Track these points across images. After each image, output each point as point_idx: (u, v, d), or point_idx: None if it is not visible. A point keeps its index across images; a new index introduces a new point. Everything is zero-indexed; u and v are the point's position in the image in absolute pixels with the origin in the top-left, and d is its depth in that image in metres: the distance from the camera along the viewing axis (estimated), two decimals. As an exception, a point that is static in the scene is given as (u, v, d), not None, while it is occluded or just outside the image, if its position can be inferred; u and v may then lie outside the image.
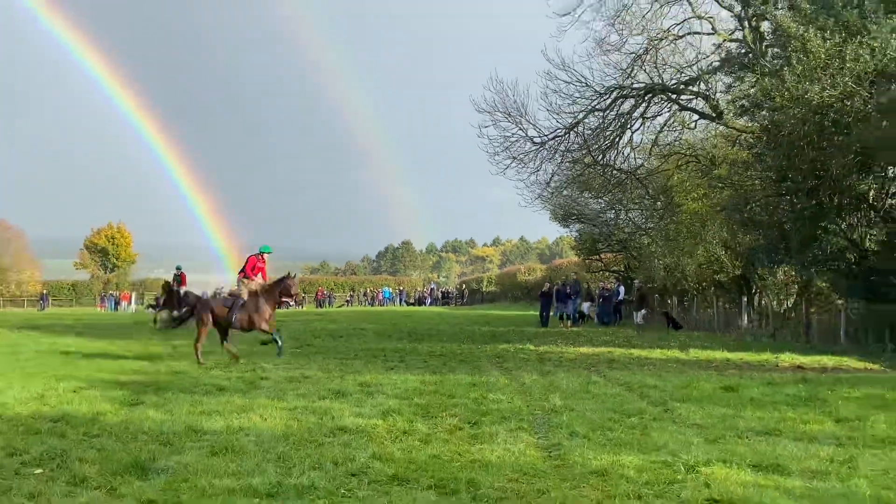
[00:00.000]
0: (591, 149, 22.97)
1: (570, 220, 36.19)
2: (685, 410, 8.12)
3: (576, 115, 22.11)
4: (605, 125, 22.39)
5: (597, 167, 24.87)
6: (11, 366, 12.45)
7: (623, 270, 35.95)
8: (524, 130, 22.72)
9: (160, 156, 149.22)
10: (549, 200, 31.93)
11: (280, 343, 13.80)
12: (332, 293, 63.73)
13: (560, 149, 23.16)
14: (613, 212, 33.53)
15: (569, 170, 26.47)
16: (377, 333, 21.55)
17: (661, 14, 21.88)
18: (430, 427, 7.20)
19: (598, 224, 35.02)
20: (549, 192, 29.79)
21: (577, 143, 23.03)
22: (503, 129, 22.84)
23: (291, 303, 14.32)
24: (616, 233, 34.21)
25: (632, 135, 23.48)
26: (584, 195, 32.63)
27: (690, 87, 22.30)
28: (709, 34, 22.19)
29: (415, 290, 70.60)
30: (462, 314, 41.59)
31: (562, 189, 30.11)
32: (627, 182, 25.96)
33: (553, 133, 22.57)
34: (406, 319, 32.43)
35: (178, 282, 23.34)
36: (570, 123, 22.25)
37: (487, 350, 16.48)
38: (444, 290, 71.48)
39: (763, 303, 24.95)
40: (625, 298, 30.82)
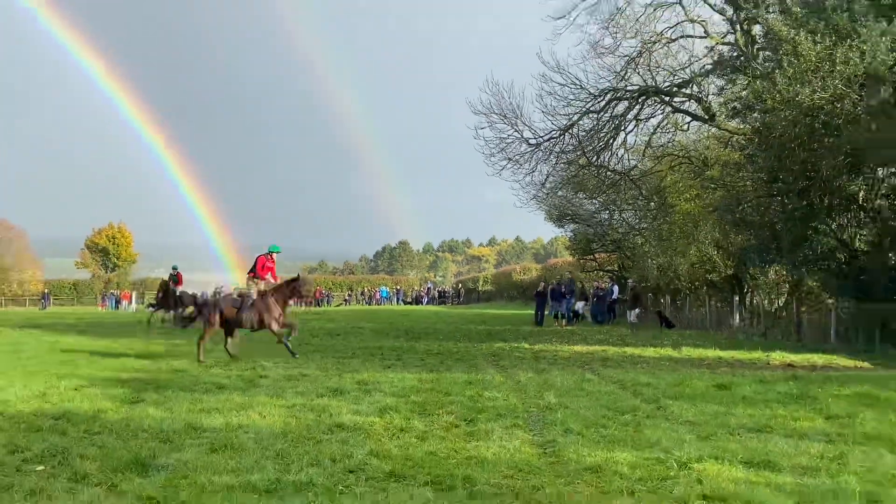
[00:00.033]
0: (586, 150, 22.98)
1: (565, 221, 36.25)
2: (678, 408, 8.12)
3: (570, 117, 22.13)
4: (600, 127, 22.40)
5: (591, 168, 24.90)
6: (13, 364, 12.43)
7: (617, 270, 35.98)
8: (520, 132, 22.74)
9: (160, 156, 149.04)
10: (545, 201, 31.95)
11: (289, 346, 13.50)
12: (331, 292, 63.75)
13: (555, 150, 23.19)
14: (607, 212, 33.58)
15: (563, 171, 26.47)
16: (375, 332, 21.55)
17: (655, 17, 21.91)
18: (427, 424, 7.20)
19: (593, 224, 35.09)
20: (545, 193, 29.82)
21: (572, 145, 23.04)
22: (499, 131, 22.87)
23: (303, 303, 14.16)
24: (610, 233, 34.26)
25: (625, 136, 23.53)
26: (579, 196, 32.69)
27: (683, 90, 22.32)
28: (701, 37, 22.24)
29: (412, 290, 70.67)
30: (458, 313, 41.60)
31: (557, 190, 30.11)
32: (621, 183, 25.99)
33: (548, 135, 22.59)
34: (403, 318, 32.43)
35: (175, 281, 23.30)
36: (565, 125, 22.26)
37: (483, 348, 16.48)
38: (441, 290, 71.46)
39: (755, 302, 25.01)
40: (619, 298, 30.88)
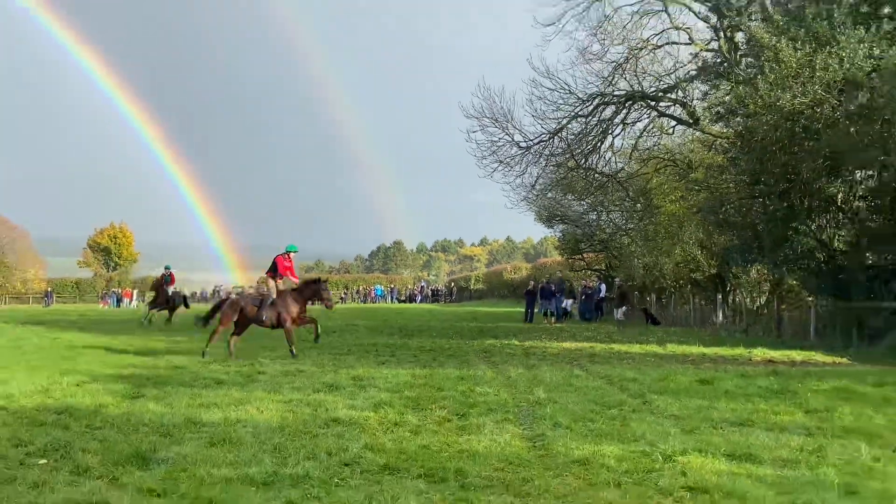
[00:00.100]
0: (575, 153, 23.02)
1: (555, 221, 36.30)
2: (663, 402, 8.14)
3: (560, 121, 22.16)
4: (588, 130, 22.44)
5: (579, 171, 24.97)
6: (17, 360, 12.36)
7: (604, 269, 36.05)
8: (510, 135, 22.78)
9: (160, 156, 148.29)
10: (534, 202, 32.01)
11: (293, 351, 13.21)
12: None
13: (545, 153, 23.23)
14: (595, 213, 33.67)
15: (553, 173, 26.53)
16: (369, 329, 21.53)
17: (641, 25, 21.97)
18: (420, 419, 7.19)
19: (581, 225, 35.16)
20: (535, 195, 29.86)
21: (561, 148, 23.08)
22: (490, 135, 22.90)
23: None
24: (598, 233, 34.34)
25: (613, 140, 23.59)
26: (568, 197, 32.76)
27: (669, 95, 22.38)
28: (686, 44, 22.31)
29: (406, 288, 70.62)
30: (451, 311, 41.61)
31: (546, 191, 30.17)
32: (609, 185, 26.07)
33: (538, 138, 22.62)
34: (397, 316, 32.42)
35: (167, 281, 23.13)
36: (555, 129, 22.29)
37: (475, 345, 16.48)
38: (434, 288, 71.50)
39: (737, 300, 25.09)
40: (606, 296, 30.94)
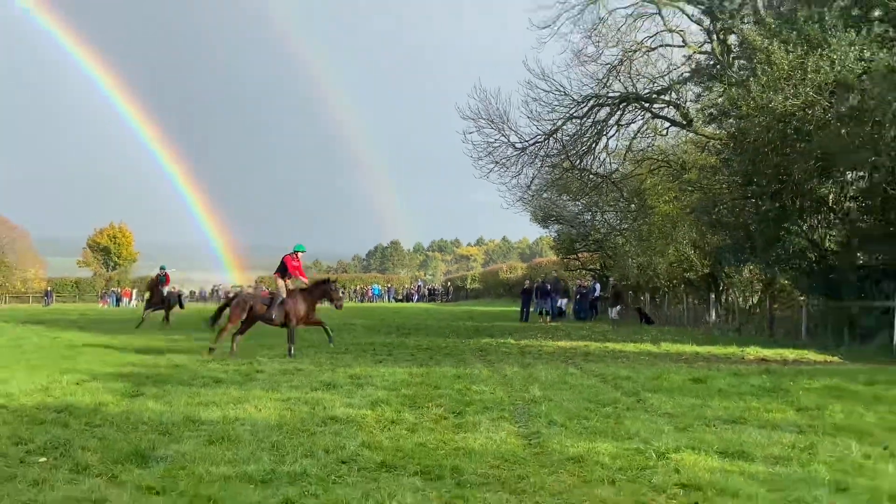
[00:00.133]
0: (570, 154, 23.05)
1: (550, 222, 36.34)
2: (656, 400, 8.15)
3: (555, 122, 22.19)
4: (583, 132, 22.47)
5: (574, 171, 25.00)
6: (17, 358, 12.32)
7: (599, 269, 36.10)
8: (506, 136, 22.80)
9: (159, 157, 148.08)
10: (530, 203, 32.05)
11: (292, 350, 13.24)
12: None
13: (540, 154, 23.25)
14: (590, 213, 33.71)
15: (548, 174, 26.57)
16: (367, 328, 21.53)
17: (635, 27, 22.03)
18: (417, 417, 7.19)
19: (576, 225, 35.20)
20: (530, 195, 29.95)
21: (556, 149, 23.11)
22: (486, 136, 22.93)
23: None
24: (592, 233, 34.38)
25: (607, 141, 23.63)
26: (563, 198, 32.80)
27: (662, 97, 22.43)
28: (680, 46, 22.36)
29: (403, 288, 70.63)
30: (447, 310, 41.60)
31: (542, 192, 30.21)
32: (603, 185, 26.11)
33: (533, 139, 22.65)
34: (394, 315, 32.40)
35: (162, 281, 23.06)
36: (550, 130, 22.32)
37: (471, 344, 16.48)
38: (431, 288, 71.53)
39: (730, 299, 25.12)
40: (600, 295, 30.98)
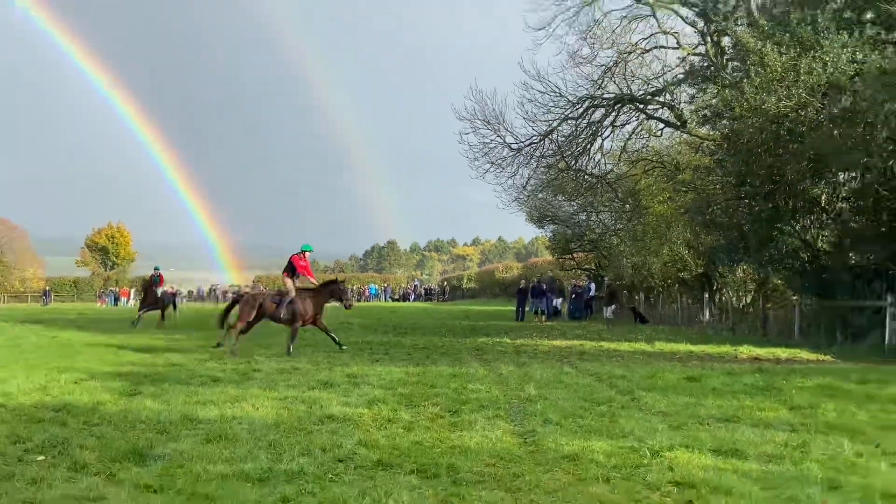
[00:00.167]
0: (565, 155, 23.06)
1: (545, 222, 36.38)
2: (651, 399, 8.15)
3: (550, 123, 22.20)
4: (578, 133, 22.48)
5: (570, 172, 25.00)
6: (15, 357, 12.29)
7: (594, 269, 36.13)
8: (502, 137, 22.80)
9: (158, 157, 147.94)
10: (526, 203, 32.08)
11: (291, 349, 13.19)
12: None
13: (535, 155, 23.25)
14: (585, 214, 33.74)
15: (544, 174, 26.58)
16: (363, 327, 21.49)
17: (630, 29, 22.06)
18: (413, 415, 7.18)
19: (571, 225, 35.23)
20: (526, 195, 29.98)
21: (552, 150, 23.11)
22: (482, 136, 22.93)
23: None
24: (587, 233, 34.43)
25: (602, 142, 23.66)
26: (558, 198, 32.83)
27: (657, 98, 22.45)
28: (674, 48, 22.39)
29: (399, 287, 70.66)
30: (444, 309, 41.62)
31: (537, 192, 30.25)
32: (598, 186, 26.12)
33: (529, 140, 22.65)
34: (391, 314, 32.39)
35: (156, 282, 23.01)
36: (545, 131, 22.33)
37: (467, 343, 16.47)
38: (427, 287, 71.54)
39: (723, 299, 25.16)
40: (595, 295, 31.00)
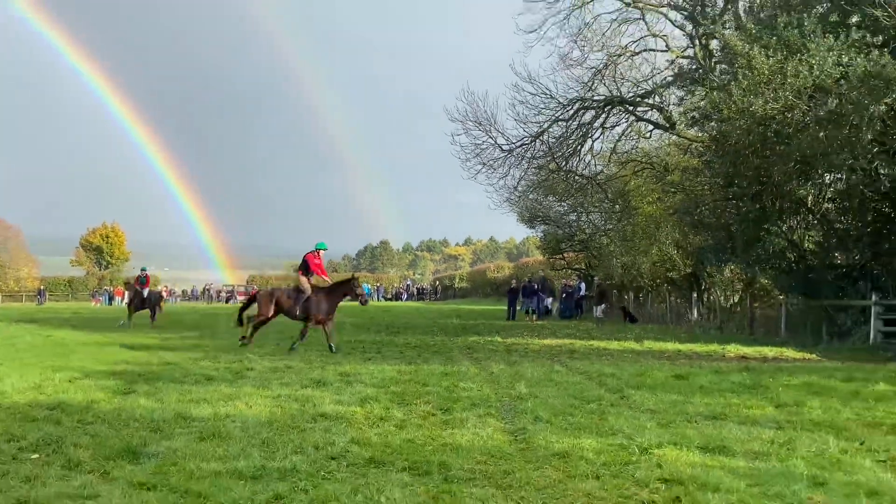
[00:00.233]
0: (556, 156, 23.09)
1: (536, 222, 36.42)
2: (640, 397, 8.17)
3: (541, 125, 22.23)
4: (568, 134, 22.51)
5: (560, 173, 25.05)
6: (10, 356, 12.22)
7: (584, 268, 36.20)
8: (493, 139, 22.82)
9: (153, 158, 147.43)
10: (517, 203, 32.12)
11: (295, 345, 13.29)
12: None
13: (527, 156, 23.29)
14: (575, 214, 33.82)
15: (535, 175, 26.64)
16: (356, 326, 21.46)
17: (620, 32, 22.10)
18: (405, 413, 7.18)
19: (562, 225, 35.30)
20: (517, 196, 30.03)
21: (543, 151, 23.15)
22: (474, 138, 22.95)
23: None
24: (578, 233, 34.50)
25: (592, 143, 23.69)
26: (549, 199, 32.88)
27: (646, 100, 22.50)
28: (663, 51, 22.46)
29: (392, 287, 70.61)
30: (436, 309, 41.60)
31: (528, 193, 30.27)
32: (588, 187, 26.19)
33: (520, 141, 22.68)
34: (384, 314, 32.35)
35: (143, 282, 22.98)
36: (536, 132, 22.36)
37: (459, 342, 16.48)
38: (420, 287, 71.55)
39: (711, 298, 25.26)
40: (586, 294, 31.07)
